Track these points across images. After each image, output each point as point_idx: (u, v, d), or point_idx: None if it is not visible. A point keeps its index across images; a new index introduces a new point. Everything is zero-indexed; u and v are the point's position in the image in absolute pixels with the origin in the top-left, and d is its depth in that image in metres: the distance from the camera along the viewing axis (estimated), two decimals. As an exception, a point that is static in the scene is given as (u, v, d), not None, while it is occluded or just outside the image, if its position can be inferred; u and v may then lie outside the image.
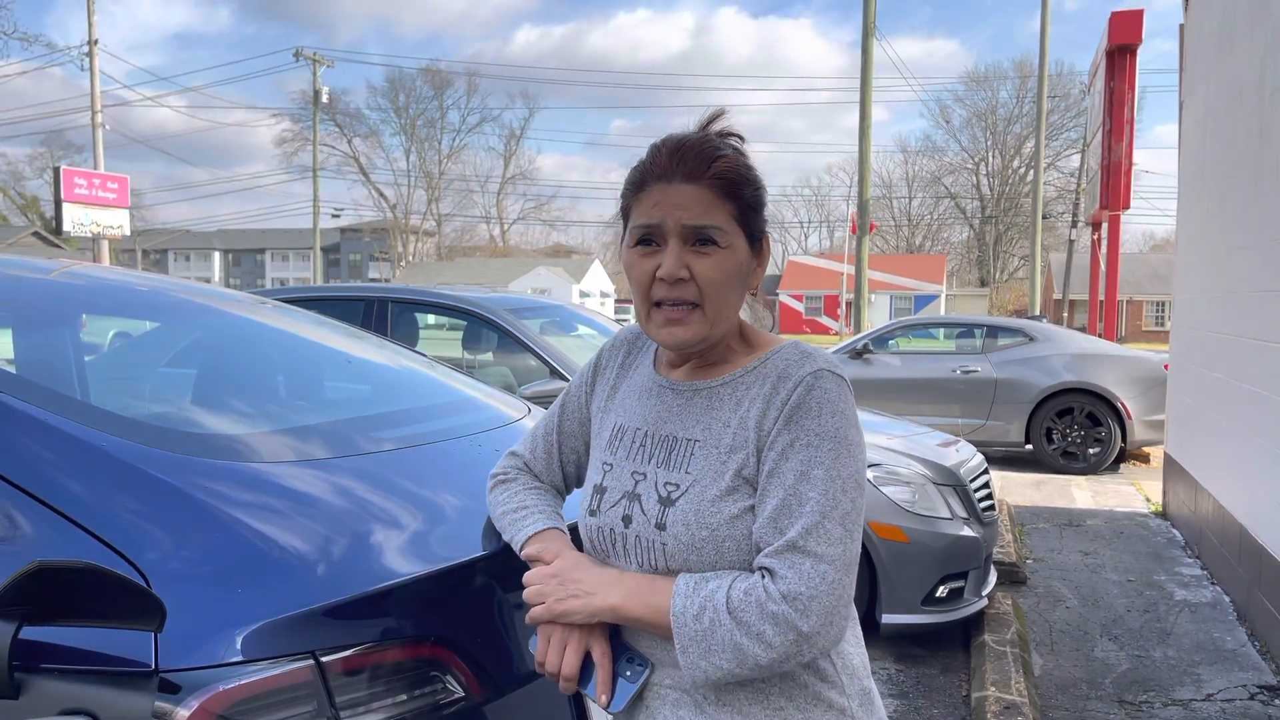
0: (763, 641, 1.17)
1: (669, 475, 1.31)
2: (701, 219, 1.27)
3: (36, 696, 1.19)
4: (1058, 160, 58.95)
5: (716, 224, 1.28)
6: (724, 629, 1.18)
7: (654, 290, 1.30)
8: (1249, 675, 4.20)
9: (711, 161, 1.28)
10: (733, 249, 1.29)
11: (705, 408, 1.33)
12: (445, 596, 1.44)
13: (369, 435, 1.94)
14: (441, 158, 73.69)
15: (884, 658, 4.44)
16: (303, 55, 40.21)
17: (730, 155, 1.30)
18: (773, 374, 1.30)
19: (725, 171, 1.28)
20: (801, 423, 1.24)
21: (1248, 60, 5.28)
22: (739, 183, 1.29)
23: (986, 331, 10.59)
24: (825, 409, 1.24)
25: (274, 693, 1.20)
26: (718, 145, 1.30)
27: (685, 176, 1.27)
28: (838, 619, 1.20)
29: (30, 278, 2.27)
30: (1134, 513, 7.57)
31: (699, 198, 1.27)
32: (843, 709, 1.28)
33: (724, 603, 1.19)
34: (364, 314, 5.31)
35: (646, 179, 1.30)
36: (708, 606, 1.20)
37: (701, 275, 1.28)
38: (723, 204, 1.28)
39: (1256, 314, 4.86)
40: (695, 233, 1.28)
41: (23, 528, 1.31)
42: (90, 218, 23.41)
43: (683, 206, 1.27)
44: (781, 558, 1.19)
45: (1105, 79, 16.96)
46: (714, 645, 1.19)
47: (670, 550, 1.27)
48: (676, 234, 1.28)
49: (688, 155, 1.28)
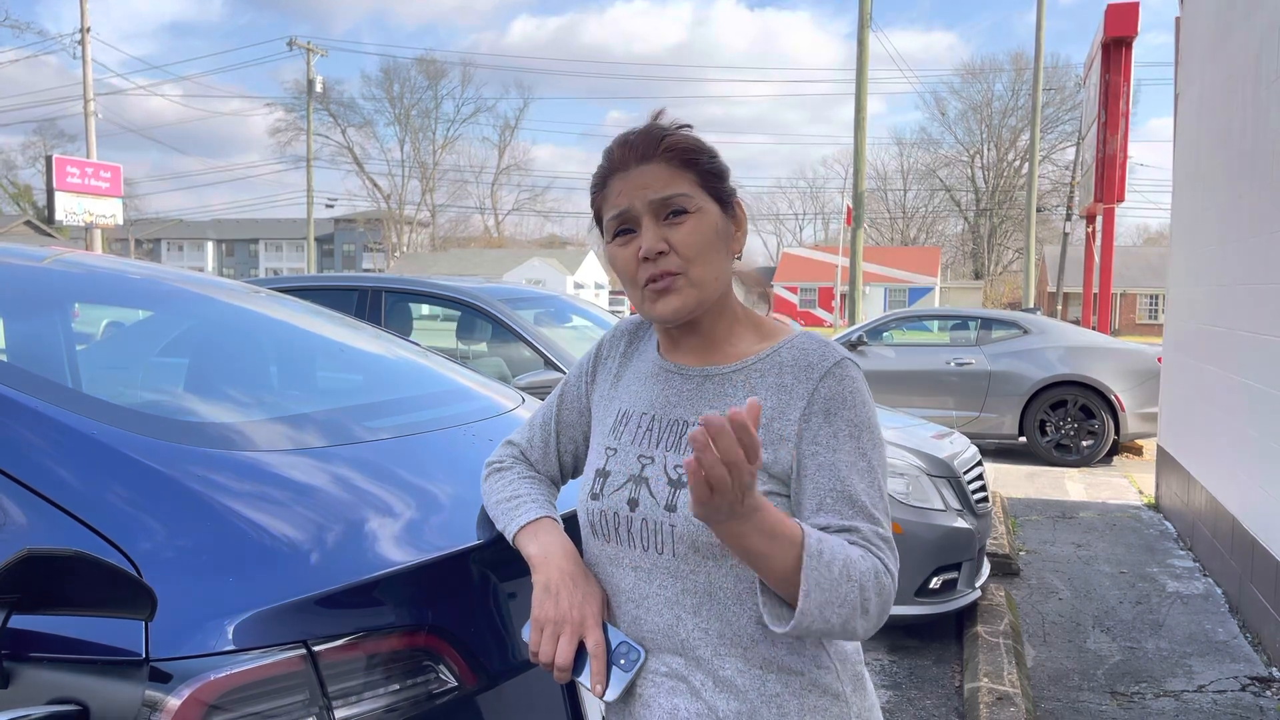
0: (865, 613, 1.19)
1: (680, 458, 1.31)
2: (665, 190, 1.31)
3: (26, 686, 1.19)
4: (1053, 153, 58.98)
5: (681, 191, 1.31)
6: (850, 585, 1.16)
7: (640, 272, 1.32)
8: (1240, 667, 4.21)
9: (660, 140, 1.33)
10: (703, 212, 1.32)
11: (718, 394, 1.34)
12: (438, 586, 1.43)
13: (362, 424, 1.93)
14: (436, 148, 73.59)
15: (877, 649, 4.45)
16: (296, 44, 40.06)
17: (677, 132, 1.35)
18: (790, 363, 1.31)
19: (674, 144, 1.33)
20: (841, 414, 1.27)
21: (1243, 53, 5.27)
22: (691, 151, 1.34)
23: (980, 324, 10.61)
24: (857, 399, 1.28)
25: (265, 682, 1.19)
26: (663, 127, 1.36)
27: (639, 159, 1.32)
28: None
29: (22, 265, 2.25)
30: (1127, 505, 7.60)
31: (657, 173, 1.32)
32: (837, 693, 1.29)
33: (852, 559, 1.18)
34: (358, 304, 5.30)
35: (607, 176, 1.36)
36: (837, 556, 1.17)
37: (679, 242, 1.30)
38: (682, 173, 1.32)
39: (1250, 307, 4.87)
40: (664, 205, 1.31)
41: (12, 515, 1.30)
42: (83, 207, 23.33)
43: (645, 185, 1.31)
44: (873, 545, 1.22)
45: (1101, 72, 16.96)
46: (834, 599, 1.15)
47: (680, 532, 1.27)
48: (648, 212, 1.31)
49: (637, 141, 1.34)
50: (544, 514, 1.42)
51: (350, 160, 70.88)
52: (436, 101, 73.67)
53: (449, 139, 74.41)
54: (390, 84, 72.51)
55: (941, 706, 3.90)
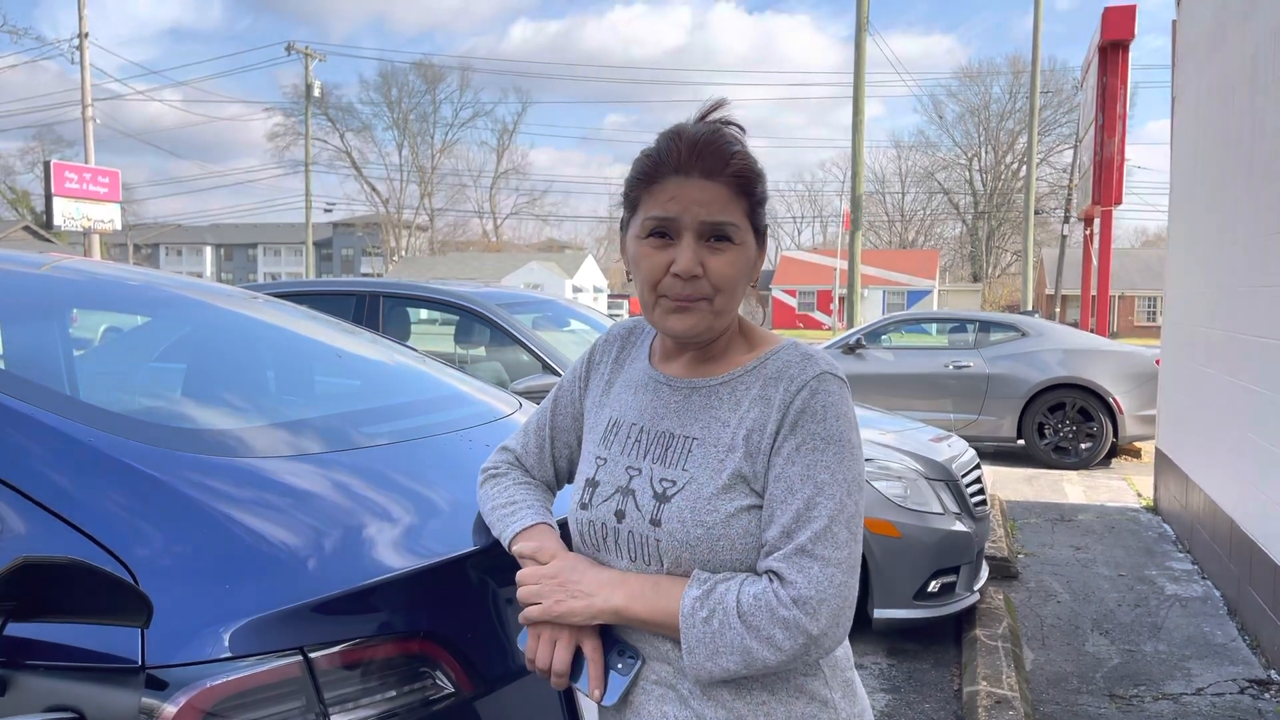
0: (772, 645, 1.18)
1: (665, 471, 1.31)
2: (720, 215, 1.27)
3: (22, 693, 1.19)
4: (1050, 156, 59.02)
5: (733, 221, 1.28)
6: (733, 632, 1.19)
7: (664, 284, 1.29)
8: (1239, 669, 4.21)
9: (729, 159, 1.27)
10: (745, 246, 1.30)
11: (704, 406, 1.33)
12: (435, 592, 1.43)
13: (360, 430, 1.93)
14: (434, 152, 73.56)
15: (876, 652, 4.45)
16: (295, 49, 40.09)
17: (743, 151, 1.30)
18: (773, 375, 1.29)
19: (742, 170, 1.28)
20: (807, 426, 1.24)
21: (1239, 55, 5.28)
22: (753, 180, 1.30)
23: (979, 327, 10.61)
24: (829, 412, 1.24)
25: (262, 689, 1.19)
26: (732, 141, 1.30)
27: (704, 172, 1.27)
28: (844, 620, 1.21)
29: (20, 272, 2.25)
30: (1125, 508, 7.60)
31: (717, 194, 1.27)
32: (825, 700, 1.28)
33: (734, 606, 1.19)
34: (356, 309, 5.29)
35: (661, 170, 1.29)
36: (717, 610, 1.20)
37: (716, 272, 1.27)
38: (738, 201, 1.28)
39: (1248, 309, 4.87)
40: (713, 229, 1.27)
41: (9, 523, 1.30)
42: (81, 212, 23.31)
43: (701, 203, 1.26)
44: (790, 562, 1.20)
45: (1098, 74, 16.98)
46: (722, 648, 1.19)
47: (664, 546, 1.27)
48: (693, 229, 1.27)
49: (706, 151, 1.27)
50: (540, 520, 1.42)
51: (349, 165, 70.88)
52: (435, 106, 73.71)
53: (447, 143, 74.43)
54: (388, 88, 72.54)
55: (940, 710, 3.90)
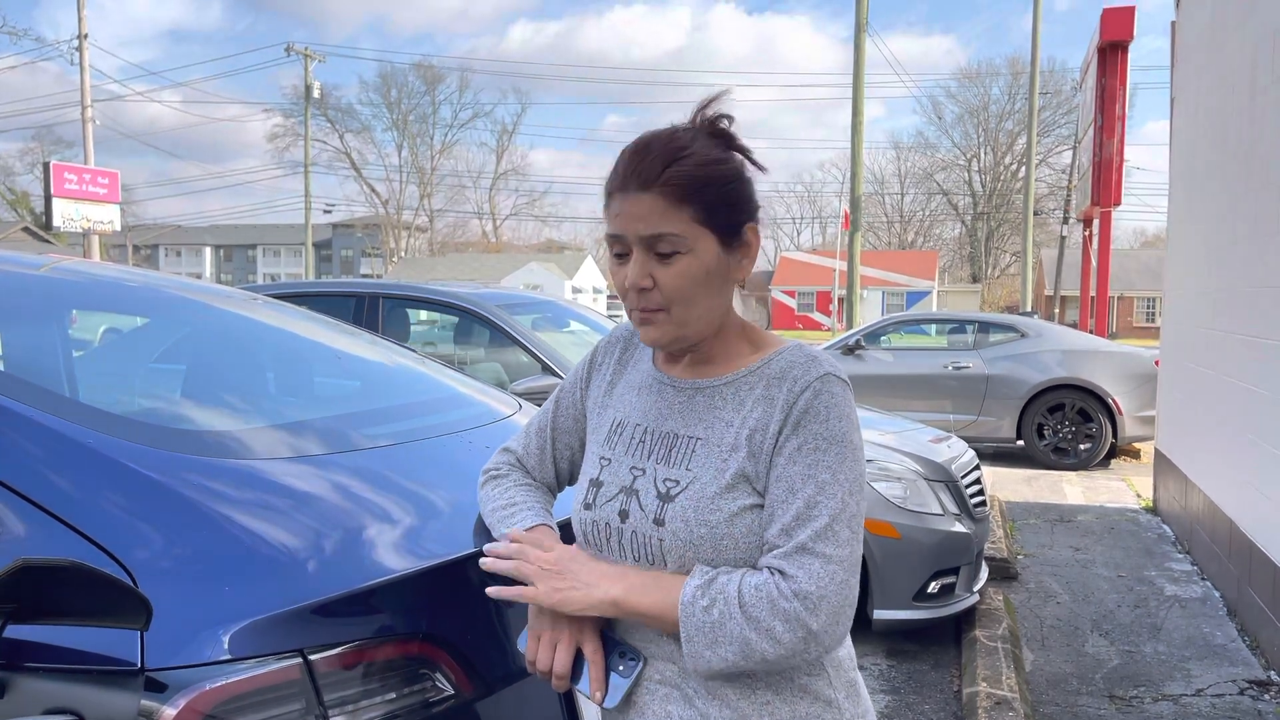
0: (771, 637, 1.18)
1: (669, 472, 1.31)
2: (657, 228, 1.25)
3: (21, 695, 1.18)
4: (1049, 157, 59.03)
5: (672, 231, 1.25)
6: (734, 622, 1.19)
7: (628, 297, 1.31)
8: (1239, 670, 4.21)
9: (665, 167, 1.25)
10: (695, 253, 1.27)
11: (708, 406, 1.33)
12: (435, 593, 1.43)
13: (359, 431, 1.93)
14: (434, 153, 73.55)
15: (876, 653, 4.44)
16: (294, 50, 40.09)
17: (693, 155, 1.26)
18: (777, 375, 1.29)
19: (675, 177, 1.24)
20: (809, 427, 1.24)
21: (1239, 57, 5.29)
22: (695, 186, 1.25)
23: (978, 327, 10.61)
24: (832, 413, 1.25)
25: (262, 691, 1.19)
26: (680, 146, 1.27)
27: (639, 185, 1.25)
28: (844, 618, 1.21)
29: (20, 272, 2.25)
30: (1125, 508, 7.60)
31: (653, 206, 1.25)
32: (829, 700, 1.28)
33: (735, 596, 1.20)
34: (355, 310, 5.29)
35: (611, 188, 1.30)
36: (718, 599, 1.20)
37: (664, 284, 1.27)
38: (680, 209, 1.25)
39: (1247, 310, 4.87)
40: (652, 243, 1.26)
41: (8, 525, 1.30)
42: (81, 213, 23.30)
43: (639, 217, 1.26)
44: (791, 559, 1.20)
45: (1097, 75, 16.99)
46: (721, 637, 1.19)
47: (668, 546, 1.27)
48: (638, 244, 1.27)
49: (640, 163, 1.26)
50: (540, 521, 1.41)
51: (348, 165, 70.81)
52: (434, 106, 73.66)
53: (447, 144, 74.39)
54: (388, 89, 72.49)
55: (940, 711, 3.90)
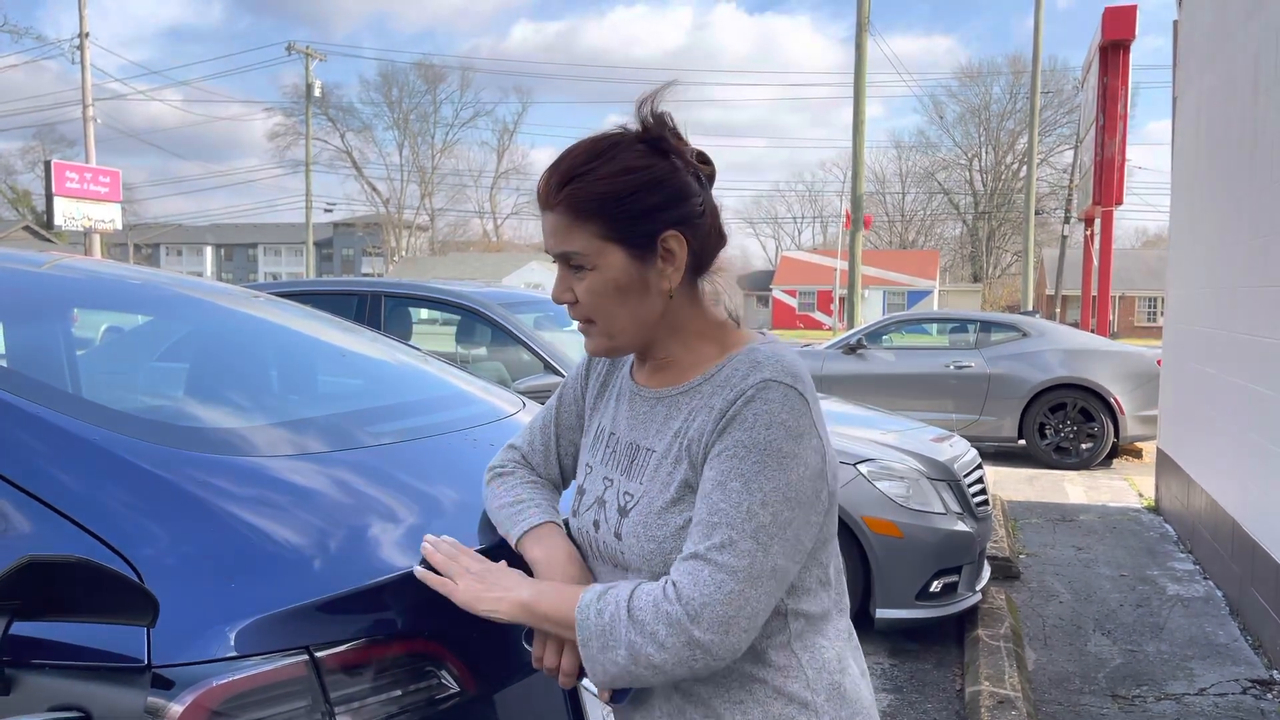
0: (655, 641, 1.17)
1: (628, 484, 1.32)
2: (562, 245, 1.28)
3: (28, 692, 1.18)
4: (1051, 156, 59.02)
5: (575, 249, 1.27)
6: (621, 625, 1.19)
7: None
8: (1241, 669, 4.21)
9: (562, 186, 1.26)
10: (601, 268, 1.27)
11: (664, 416, 1.33)
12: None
13: (364, 429, 1.92)
14: (435, 152, 73.57)
15: (878, 652, 4.44)
16: (295, 49, 40.09)
17: (593, 169, 1.26)
18: (721, 383, 1.27)
19: (572, 195, 1.25)
20: (731, 434, 1.21)
21: (1241, 56, 5.28)
22: (592, 203, 1.25)
23: (980, 327, 10.62)
24: (759, 421, 1.20)
25: (268, 688, 1.19)
26: (580, 162, 1.27)
27: (545, 204, 1.29)
28: (735, 629, 1.17)
29: (22, 271, 2.25)
30: (1127, 508, 7.60)
31: (557, 224, 1.28)
32: (805, 703, 1.26)
33: (625, 600, 1.20)
34: (357, 308, 5.29)
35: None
36: (609, 604, 1.21)
37: (580, 297, 1.30)
38: (582, 225, 1.26)
39: (1250, 309, 4.87)
40: (564, 259, 1.29)
41: (14, 522, 1.30)
42: (82, 212, 23.32)
43: (550, 233, 1.29)
44: (682, 564, 1.19)
45: (1099, 75, 16.98)
46: (611, 641, 1.19)
47: (628, 559, 1.29)
48: (556, 259, 1.31)
49: (549, 182, 1.28)
50: (547, 519, 1.42)
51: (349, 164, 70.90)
52: (435, 105, 73.71)
53: (448, 143, 74.43)
54: (389, 88, 72.54)
55: (943, 710, 3.90)
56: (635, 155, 1.27)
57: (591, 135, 1.31)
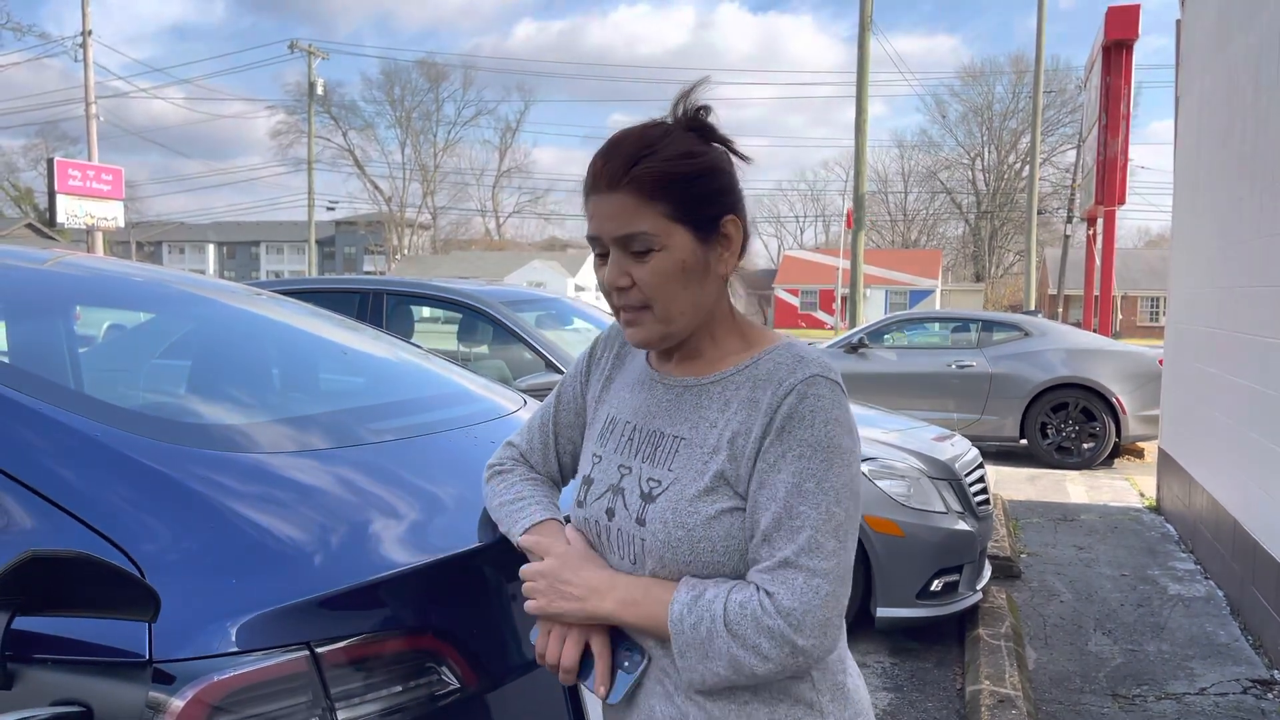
0: (759, 654, 1.18)
1: (653, 471, 1.31)
2: (627, 228, 1.25)
3: (30, 687, 1.19)
4: (1053, 156, 58.96)
5: (643, 229, 1.25)
6: (720, 640, 1.19)
7: (611, 297, 1.31)
8: (1242, 669, 4.21)
9: (631, 165, 1.24)
10: (670, 249, 1.25)
11: (694, 405, 1.32)
12: (441, 588, 1.43)
13: (365, 426, 1.93)
14: (437, 150, 73.60)
15: (878, 651, 4.45)
16: (298, 47, 40.09)
17: (658, 151, 1.25)
18: (763, 377, 1.27)
19: (643, 175, 1.24)
20: (794, 433, 1.22)
21: (1244, 56, 5.28)
22: (663, 182, 1.24)
23: (982, 326, 10.61)
24: (818, 417, 1.22)
25: (269, 683, 1.20)
26: (647, 143, 1.26)
27: (608, 185, 1.25)
28: (832, 630, 1.20)
29: (24, 268, 2.26)
30: (1128, 508, 7.59)
31: (623, 205, 1.25)
32: (811, 703, 1.27)
33: (720, 615, 1.19)
34: (359, 306, 5.30)
35: (585, 190, 1.30)
36: (704, 618, 1.20)
37: (641, 281, 1.27)
38: (650, 206, 1.24)
39: (1252, 309, 4.87)
40: (626, 242, 1.26)
41: (16, 517, 1.31)
42: (84, 209, 23.34)
43: (610, 216, 1.26)
44: (775, 574, 1.19)
45: (1101, 74, 16.96)
46: (711, 654, 1.19)
47: (648, 546, 1.27)
48: (613, 244, 1.27)
49: (610, 162, 1.26)
50: (548, 515, 1.42)
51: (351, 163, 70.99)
52: (438, 104, 73.77)
53: (450, 141, 74.53)
54: (391, 86, 72.63)
55: (943, 709, 3.90)
56: (691, 141, 1.29)
57: (638, 124, 1.31)
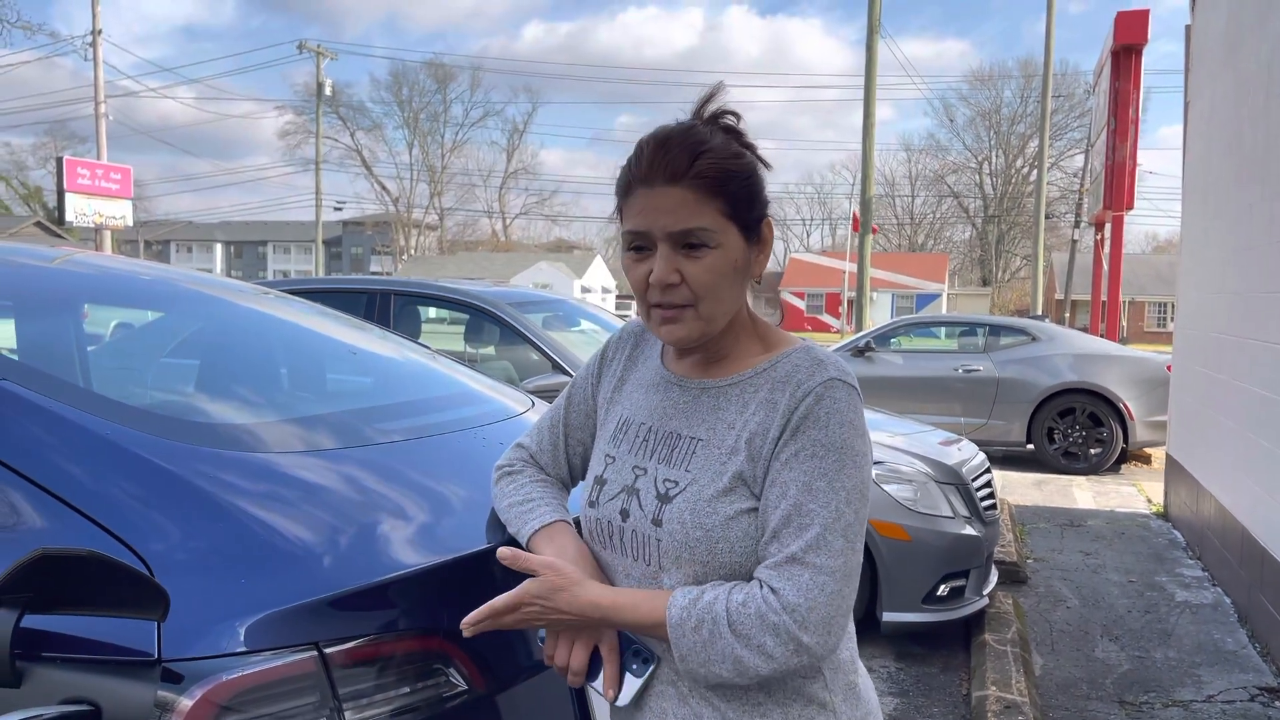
0: (763, 653, 1.17)
1: (669, 472, 1.30)
2: (687, 223, 1.23)
3: (39, 685, 1.19)
4: (1061, 160, 58.88)
5: (703, 225, 1.23)
6: (723, 641, 1.18)
7: (649, 294, 1.28)
8: (1250, 677, 4.19)
9: (693, 160, 1.22)
10: (724, 247, 1.25)
11: (712, 407, 1.32)
12: (449, 589, 1.43)
13: (374, 426, 1.93)
14: (444, 151, 73.68)
15: (884, 656, 4.43)
16: (306, 48, 40.18)
17: (715, 148, 1.24)
18: (781, 379, 1.27)
19: (707, 170, 1.22)
20: (808, 433, 1.22)
21: (1254, 61, 5.26)
22: (723, 179, 1.24)
23: (989, 330, 10.58)
24: (833, 419, 1.22)
25: (277, 683, 1.19)
26: (702, 139, 1.25)
27: (667, 178, 1.23)
28: (836, 629, 1.19)
29: (33, 266, 2.26)
30: (1135, 513, 7.57)
31: (683, 200, 1.22)
32: (824, 703, 1.27)
33: (723, 615, 1.19)
34: (366, 306, 5.30)
35: (631, 182, 1.26)
36: (705, 619, 1.19)
37: (693, 278, 1.25)
38: (709, 202, 1.23)
39: (1261, 315, 4.85)
40: (682, 237, 1.24)
41: (26, 515, 1.31)
42: (93, 208, 23.41)
43: (667, 211, 1.23)
44: (781, 570, 1.19)
45: (1110, 79, 16.93)
46: (713, 656, 1.19)
47: (665, 547, 1.26)
48: (664, 239, 1.24)
49: (667, 156, 1.23)
50: (558, 517, 1.41)
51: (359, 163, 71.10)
52: (445, 105, 73.83)
53: (457, 142, 74.58)
54: (399, 87, 72.75)
55: (949, 714, 3.89)
56: (732, 141, 1.29)
57: (677, 123, 1.29)
